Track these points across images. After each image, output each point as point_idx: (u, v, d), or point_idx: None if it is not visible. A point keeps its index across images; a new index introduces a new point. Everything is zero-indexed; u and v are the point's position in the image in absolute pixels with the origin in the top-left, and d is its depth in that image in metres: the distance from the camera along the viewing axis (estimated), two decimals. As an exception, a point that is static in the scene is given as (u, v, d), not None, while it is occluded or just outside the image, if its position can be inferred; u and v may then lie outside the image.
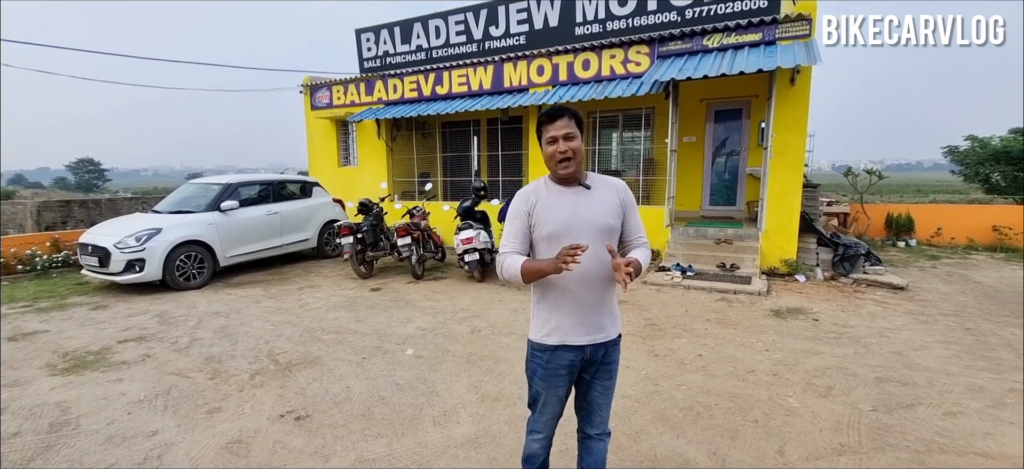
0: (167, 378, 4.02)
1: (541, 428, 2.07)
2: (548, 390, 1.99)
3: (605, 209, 1.91)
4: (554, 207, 1.89)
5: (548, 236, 1.88)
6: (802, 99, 7.14)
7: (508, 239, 1.95)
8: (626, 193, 2.01)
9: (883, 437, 3.05)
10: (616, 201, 1.95)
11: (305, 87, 12.10)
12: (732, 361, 4.25)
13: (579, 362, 1.96)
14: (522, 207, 1.94)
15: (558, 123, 1.87)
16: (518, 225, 1.93)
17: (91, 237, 7.09)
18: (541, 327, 1.97)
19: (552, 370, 1.96)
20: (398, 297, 6.53)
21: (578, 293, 1.89)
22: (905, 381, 3.84)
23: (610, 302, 1.97)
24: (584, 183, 1.93)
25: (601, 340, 1.95)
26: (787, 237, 7.36)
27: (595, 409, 2.06)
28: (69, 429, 3.24)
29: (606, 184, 1.98)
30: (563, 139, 1.86)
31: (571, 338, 1.92)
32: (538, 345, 1.98)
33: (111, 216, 12.90)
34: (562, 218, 1.86)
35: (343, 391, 3.73)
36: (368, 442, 3.02)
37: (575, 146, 1.87)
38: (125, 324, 5.51)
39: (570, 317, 1.91)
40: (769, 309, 5.78)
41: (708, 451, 2.91)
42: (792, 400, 3.53)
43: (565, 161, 1.86)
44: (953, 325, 5.24)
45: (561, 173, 1.89)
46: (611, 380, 2.05)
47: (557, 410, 2.05)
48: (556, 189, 1.93)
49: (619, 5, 8.51)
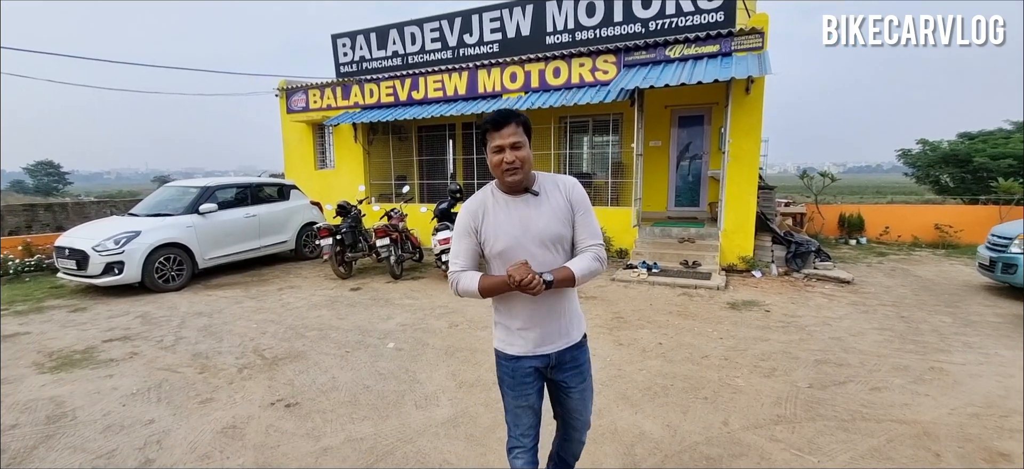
0: (157, 373, 4.20)
1: (517, 441, 1.99)
2: (516, 399, 1.96)
3: (554, 218, 1.83)
4: (502, 222, 1.82)
5: (499, 254, 1.83)
6: (756, 107, 7.67)
7: (458, 257, 1.88)
8: (574, 190, 1.89)
9: (815, 409, 3.47)
10: (565, 204, 1.86)
11: (281, 91, 12.18)
12: (689, 348, 4.65)
13: (545, 369, 1.94)
14: (470, 224, 1.87)
15: (505, 131, 1.75)
16: (466, 244, 1.87)
17: (68, 240, 7.11)
18: (504, 337, 1.94)
19: (519, 379, 1.93)
20: (378, 296, 6.77)
21: (531, 306, 1.85)
22: (840, 362, 4.30)
23: (568, 306, 1.93)
24: (532, 189, 1.85)
25: (564, 346, 1.93)
26: (744, 236, 7.87)
27: (577, 413, 2.04)
28: (67, 420, 3.41)
29: (555, 186, 1.88)
30: (510, 148, 1.76)
31: (533, 348, 1.90)
32: (502, 354, 1.96)
33: (78, 220, 12.77)
34: (511, 233, 1.80)
35: (329, 381, 3.98)
36: (355, 424, 3.30)
37: (523, 156, 1.77)
38: (108, 325, 5.61)
39: (531, 328, 1.88)
40: (726, 302, 6.23)
41: (662, 424, 3.27)
42: (739, 380, 3.94)
43: (512, 170, 1.77)
44: (890, 314, 5.77)
45: (508, 181, 1.80)
46: (586, 382, 2.02)
47: (532, 420, 1.98)
48: (503, 200, 1.85)
49: (587, 16, 8.93)
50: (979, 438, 3.04)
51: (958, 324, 5.36)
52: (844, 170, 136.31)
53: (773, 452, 2.91)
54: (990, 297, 6.50)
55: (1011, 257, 6.40)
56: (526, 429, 1.98)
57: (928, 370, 4.13)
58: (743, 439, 3.07)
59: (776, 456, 2.87)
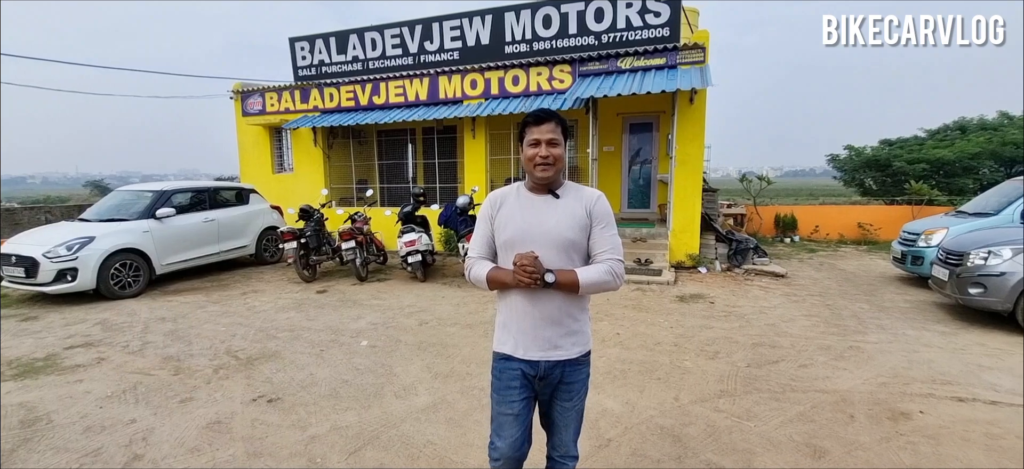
0: (129, 376, 4.21)
1: (498, 453, 1.90)
2: (499, 403, 1.90)
3: (566, 222, 1.81)
4: (516, 215, 1.85)
5: (504, 243, 1.84)
6: (699, 116, 8.30)
7: (475, 244, 1.94)
8: (597, 203, 1.86)
9: (752, 384, 3.94)
10: (582, 213, 1.83)
11: (236, 93, 11.95)
12: (643, 337, 5.08)
13: (532, 378, 1.87)
14: (487, 211, 1.92)
15: (544, 126, 1.79)
16: (483, 230, 1.92)
17: (13, 247, 6.82)
18: (500, 335, 1.93)
19: (504, 382, 1.88)
20: (345, 297, 6.88)
21: (529, 306, 1.82)
22: (774, 345, 4.84)
23: (570, 320, 1.86)
24: (555, 192, 1.87)
25: (555, 358, 1.85)
26: (691, 235, 8.48)
27: (555, 430, 1.97)
28: (43, 424, 3.42)
29: (577, 195, 1.88)
30: (547, 144, 1.79)
31: (521, 351, 1.85)
32: (495, 353, 1.94)
33: (9, 228, 12.10)
34: (520, 226, 1.82)
35: (308, 377, 4.14)
36: (339, 414, 3.49)
37: (557, 153, 1.81)
38: (65, 333, 5.48)
39: (522, 330, 1.84)
40: (676, 296, 6.75)
41: (622, 402, 3.65)
42: (688, 362, 4.39)
43: (545, 165, 1.80)
44: (817, 303, 6.44)
45: (538, 176, 1.82)
46: (571, 401, 1.92)
47: (515, 432, 1.87)
48: (525, 196, 1.88)
49: (544, 28, 9.35)
50: (885, 402, 3.58)
51: (874, 310, 6.07)
52: (781, 174, 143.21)
53: (717, 420, 3.34)
54: (902, 286, 7.34)
55: (918, 251, 7.26)
56: (509, 440, 1.87)
57: (847, 349, 4.73)
58: (691, 411, 3.48)
59: (719, 423, 3.29)
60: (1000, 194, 7.61)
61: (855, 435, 3.12)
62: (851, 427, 3.23)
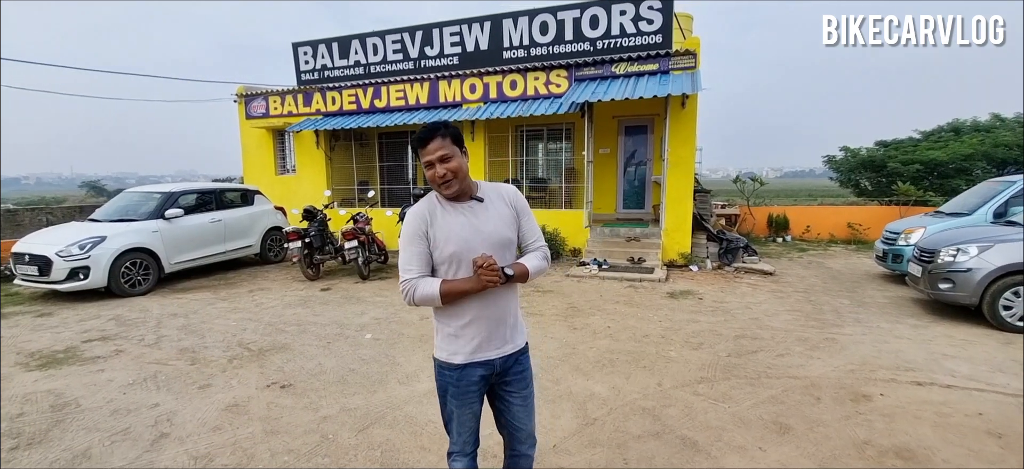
0: (148, 366, 4.50)
1: (460, 448, 2.03)
2: (461, 408, 1.96)
3: (501, 223, 1.91)
4: (453, 226, 1.85)
5: (449, 257, 1.84)
6: (691, 120, 8.60)
7: (410, 264, 1.87)
8: (517, 199, 2.00)
9: (731, 371, 4.24)
10: (510, 212, 1.95)
11: (239, 96, 12.24)
12: (633, 330, 5.38)
13: (490, 376, 1.96)
14: (419, 228, 1.87)
15: (430, 146, 1.80)
16: (418, 249, 1.87)
17: (26, 246, 7.10)
18: (448, 345, 1.93)
19: (463, 388, 1.93)
20: (349, 294, 7.17)
21: (482, 309, 1.88)
22: (755, 337, 5.13)
23: (514, 314, 1.99)
24: (476, 196, 1.92)
25: (509, 351, 1.96)
26: (683, 234, 8.78)
27: (520, 424, 2.05)
28: (72, 408, 3.70)
29: (499, 195, 1.97)
30: (438, 162, 1.80)
31: (480, 354, 1.91)
32: (446, 365, 1.94)
33: (10, 228, 12.44)
34: (463, 237, 1.84)
35: (317, 366, 4.42)
36: (348, 397, 3.78)
37: (453, 167, 1.81)
38: (81, 328, 5.76)
39: (478, 334, 1.89)
40: (666, 292, 7.05)
41: (609, 387, 3.94)
42: (673, 352, 4.68)
43: (446, 183, 1.83)
44: (801, 299, 6.74)
45: (445, 194, 1.87)
46: (528, 388, 2.05)
47: (473, 426, 2.02)
48: (450, 207, 1.89)
49: (541, 34, 9.65)
50: (850, 386, 3.88)
51: (854, 305, 6.37)
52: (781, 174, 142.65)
53: (694, 402, 3.63)
54: (882, 283, 7.64)
55: (899, 249, 7.56)
56: (470, 437, 2.01)
57: (823, 340, 5.03)
58: (672, 395, 3.78)
59: (696, 405, 3.59)
60: (976, 195, 7.92)
61: (819, 414, 3.42)
62: (816, 408, 3.52)
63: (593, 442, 3.12)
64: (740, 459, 2.91)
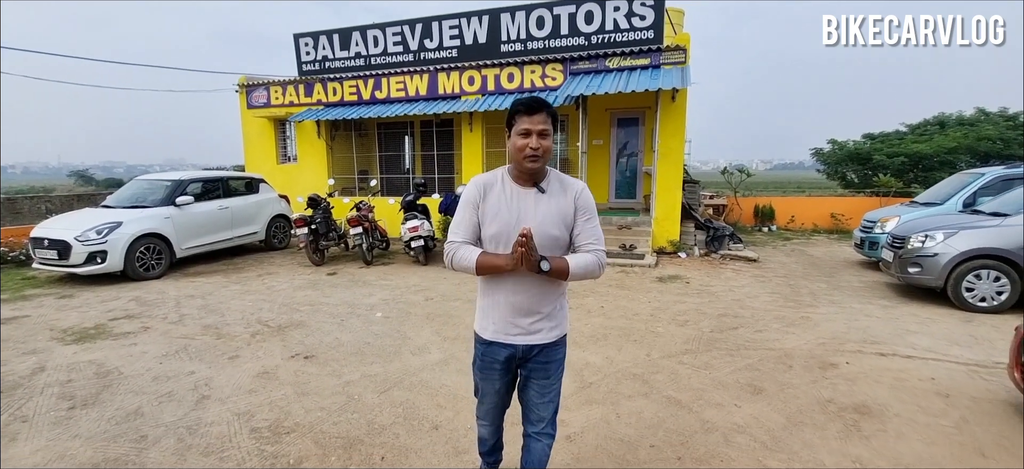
0: (177, 340, 4.85)
1: (484, 416, 2.15)
2: (484, 382, 2.07)
3: (552, 218, 1.87)
4: (502, 208, 1.87)
5: (491, 237, 1.88)
6: (680, 113, 9.00)
7: (458, 228, 1.91)
8: (581, 195, 1.93)
9: (712, 344, 4.66)
10: (568, 210, 1.90)
11: (241, 87, 12.46)
12: (624, 310, 5.79)
13: (514, 359, 2.00)
14: (474, 196, 1.91)
15: (536, 117, 1.78)
16: (468, 215, 1.91)
17: (45, 231, 7.37)
18: (481, 320, 2.03)
19: (487, 363, 2.03)
20: (355, 278, 7.53)
21: (511, 296, 1.91)
22: (736, 316, 5.57)
23: (548, 307, 1.96)
24: (540, 186, 1.90)
25: (534, 342, 1.96)
26: (672, 223, 9.21)
27: (532, 407, 2.08)
28: (115, 375, 4.05)
29: (563, 189, 1.93)
30: (537, 135, 1.79)
31: (502, 337, 1.96)
32: (478, 337, 2.05)
33: (9, 216, 12.73)
34: (507, 221, 1.85)
35: (334, 341, 4.79)
36: (367, 366, 4.16)
37: (547, 145, 1.81)
38: (104, 308, 6.08)
39: (504, 317, 1.94)
40: (656, 277, 7.47)
41: (602, 357, 4.35)
42: (660, 328, 5.11)
43: (533, 157, 1.81)
44: (781, 283, 7.19)
45: (526, 167, 1.83)
46: (548, 380, 2.03)
47: (496, 402, 2.11)
48: (511, 187, 1.90)
49: (537, 28, 9.98)
50: (819, 356, 4.32)
51: (830, 288, 6.84)
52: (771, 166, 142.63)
53: (679, 370, 4.05)
54: (859, 269, 8.13)
55: (875, 236, 8.04)
56: (490, 409, 2.13)
57: (799, 318, 5.47)
58: (659, 363, 4.20)
59: (681, 371, 4.01)
60: (949, 186, 8.41)
61: (790, 379, 3.85)
62: (788, 373, 3.96)
63: (590, 401, 3.53)
64: (717, 413, 3.33)
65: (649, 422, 3.23)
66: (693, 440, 3.01)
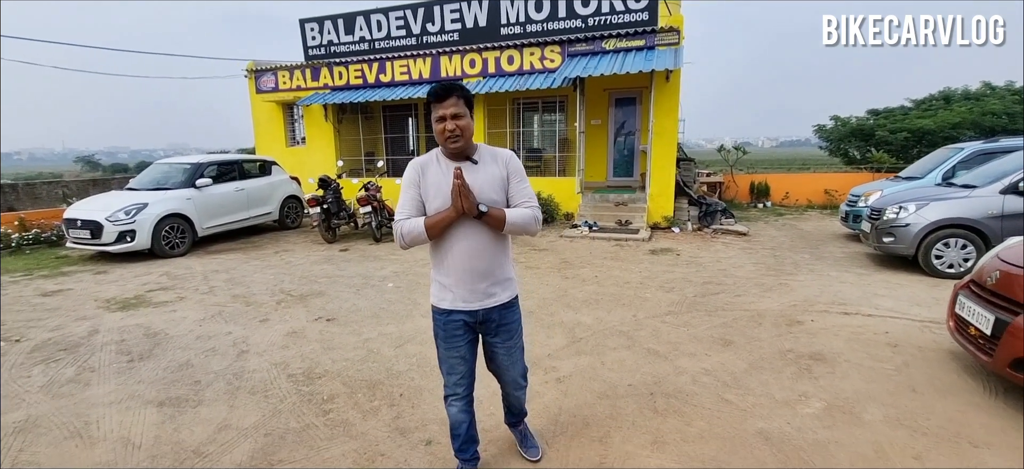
0: (211, 307, 5.38)
1: (453, 388, 2.25)
2: (449, 350, 2.19)
3: (489, 185, 2.04)
4: (441, 183, 2.02)
5: (436, 211, 2.03)
6: (674, 93, 9.37)
7: (404, 207, 2.07)
8: (511, 162, 2.11)
9: (694, 307, 5.15)
10: (500, 175, 2.07)
11: (249, 72, 12.87)
12: (616, 278, 6.28)
13: (474, 324, 2.15)
14: (415, 176, 2.07)
15: (447, 102, 1.96)
16: (412, 194, 2.07)
17: (78, 212, 7.91)
18: (437, 292, 2.16)
19: (449, 331, 2.15)
20: (366, 254, 8.04)
21: (465, 263, 2.05)
22: (720, 283, 6.05)
23: (500, 271, 2.13)
24: (472, 158, 2.06)
25: (491, 305, 2.13)
26: (666, 199, 9.65)
27: (504, 370, 2.30)
28: (162, 336, 4.59)
29: (493, 158, 2.10)
30: (451, 118, 1.95)
31: (461, 304, 2.10)
32: (436, 309, 2.17)
33: (28, 200, 13.38)
34: (447, 193, 1.99)
35: (352, 307, 5.31)
36: (382, 326, 4.68)
37: (463, 125, 1.97)
38: (139, 282, 6.62)
39: (460, 285, 2.08)
40: (648, 250, 7.95)
41: (593, 318, 4.85)
42: (648, 294, 5.60)
43: (453, 138, 1.97)
44: (767, 255, 7.65)
45: (450, 148, 2.01)
46: (512, 339, 2.23)
47: (463, 369, 2.21)
48: (445, 164, 2.06)
49: (536, 11, 10.31)
50: (788, 315, 4.80)
51: (812, 259, 7.29)
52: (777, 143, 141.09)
53: (661, 327, 4.55)
54: (844, 242, 8.56)
55: (858, 210, 8.45)
56: (459, 379, 2.22)
57: (777, 284, 5.95)
58: (644, 323, 4.69)
59: (662, 329, 4.51)
60: (931, 160, 8.79)
61: (757, 334, 4.34)
62: (757, 329, 4.45)
63: (579, 352, 4.04)
64: (689, 361, 3.83)
65: (629, 368, 3.73)
66: (665, 381, 3.51)
